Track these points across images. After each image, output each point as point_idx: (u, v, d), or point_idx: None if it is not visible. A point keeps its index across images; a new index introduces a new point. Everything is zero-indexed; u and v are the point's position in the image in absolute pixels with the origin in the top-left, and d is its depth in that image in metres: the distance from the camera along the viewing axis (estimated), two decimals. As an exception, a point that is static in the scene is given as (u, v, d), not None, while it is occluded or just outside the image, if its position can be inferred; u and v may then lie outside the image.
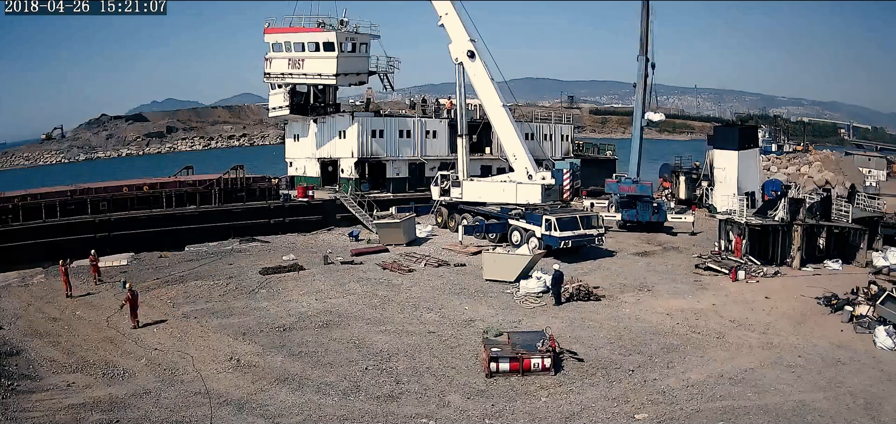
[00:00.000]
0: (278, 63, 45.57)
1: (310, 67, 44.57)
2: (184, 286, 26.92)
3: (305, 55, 44.40)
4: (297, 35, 44.81)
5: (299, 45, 44.85)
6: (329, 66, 43.99)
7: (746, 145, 44.18)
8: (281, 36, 45.36)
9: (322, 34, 44.07)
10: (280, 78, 45.97)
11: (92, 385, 17.53)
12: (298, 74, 45.18)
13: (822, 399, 16.63)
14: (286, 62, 45.03)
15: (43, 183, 52.26)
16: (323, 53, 43.84)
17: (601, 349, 19.91)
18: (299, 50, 44.82)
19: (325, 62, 44.00)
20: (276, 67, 45.93)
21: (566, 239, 31.55)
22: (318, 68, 44.27)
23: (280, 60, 45.38)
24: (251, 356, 19.36)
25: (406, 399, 16.58)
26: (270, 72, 46.36)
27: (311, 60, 44.25)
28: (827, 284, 26.89)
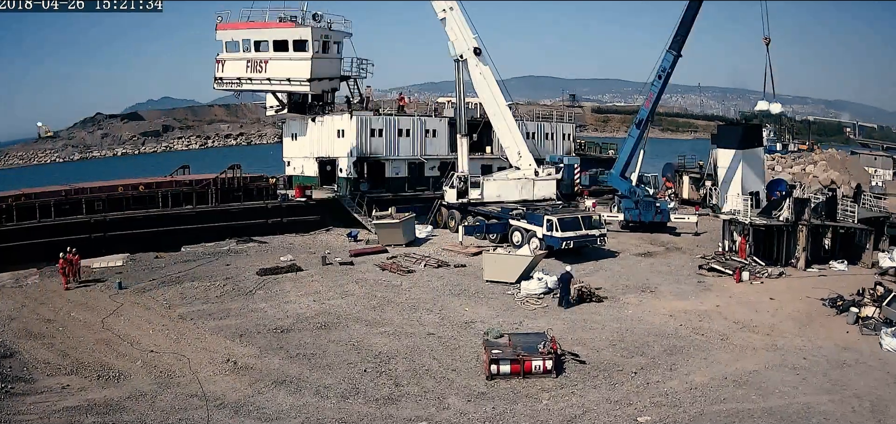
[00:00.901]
0: (234, 65, 38.83)
1: (275, 71, 38.20)
2: (180, 286, 26.91)
3: (269, 56, 38.10)
4: (258, 31, 37.92)
5: (261, 43, 38.17)
6: (301, 69, 37.82)
7: (750, 144, 44.13)
8: (237, 32, 38.14)
9: (292, 30, 37.78)
10: (235, 84, 39.66)
11: (87, 387, 17.53)
12: (260, 80, 38.95)
13: (828, 402, 16.62)
14: (244, 65, 38.65)
15: (37, 183, 52.23)
16: (292, 53, 37.74)
17: (603, 351, 19.90)
18: (261, 49, 38.28)
19: (295, 65, 37.77)
20: (230, 71, 39.01)
21: (568, 240, 31.57)
22: (287, 72, 37.88)
23: (236, 61, 38.75)
24: (248, 358, 19.36)
25: (405, 402, 16.58)
26: (223, 76, 39.44)
27: (278, 63, 37.94)
28: (832, 285, 26.89)
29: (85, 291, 26.70)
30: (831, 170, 60.67)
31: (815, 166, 64.49)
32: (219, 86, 39.33)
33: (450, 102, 56.20)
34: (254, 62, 37.69)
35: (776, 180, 47.07)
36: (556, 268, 29.48)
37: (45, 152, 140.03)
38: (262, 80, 38.25)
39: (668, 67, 37.47)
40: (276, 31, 37.40)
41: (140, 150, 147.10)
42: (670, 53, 37.12)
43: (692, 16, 36.40)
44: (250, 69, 37.86)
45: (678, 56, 37.15)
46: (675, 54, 37.08)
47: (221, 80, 39.33)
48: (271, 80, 38.00)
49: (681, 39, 36.88)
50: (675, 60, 37.23)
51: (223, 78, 39.31)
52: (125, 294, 26.07)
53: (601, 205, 45.44)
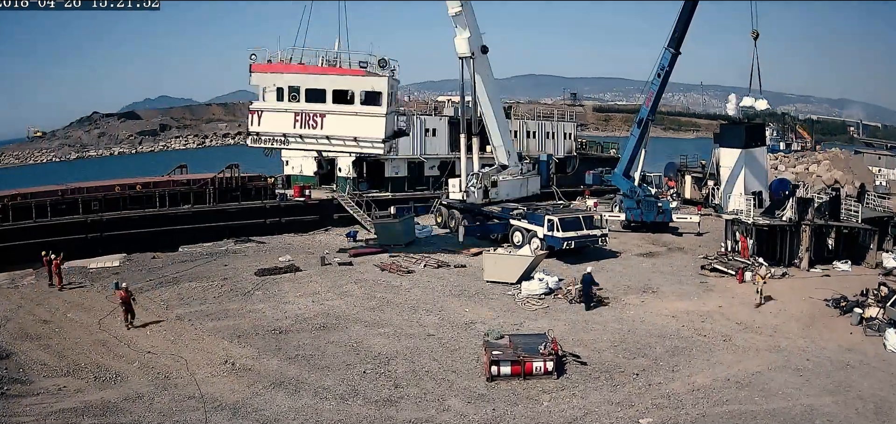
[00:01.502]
0: (276, 119, 30.24)
1: (337, 128, 29.96)
2: (177, 287, 26.93)
3: (327, 109, 29.92)
4: (312, 78, 29.97)
5: (314, 93, 30.08)
6: (374, 127, 29.94)
7: (753, 144, 44.14)
8: (281, 77, 29.96)
9: (361, 80, 29.99)
10: (279, 141, 30.84)
11: (83, 388, 17.53)
12: (316, 138, 30.57)
13: (831, 404, 16.63)
14: (291, 118, 30.13)
15: (33, 182, 52.26)
16: (361, 107, 29.97)
17: (605, 352, 19.91)
18: (314, 100, 30.12)
19: (366, 122, 29.78)
20: (271, 124, 30.29)
21: (569, 240, 31.58)
22: (354, 129, 29.88)
23: (278, 114, 30.21)
24: (246, 360, 19.36)
25: (405, 404, 16.58)
26: (260, 130, 30.55)
27: (341, 119, 29.93)
28: (836, 285, 26.89)
29: (81, 292, 26.71)
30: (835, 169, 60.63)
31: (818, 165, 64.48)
32: (255, 143, 30.66)
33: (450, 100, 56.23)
34: (305, 116, 29.53)
35: (779, 180, 47.05)
36: (556, 269, 29.52)
37: (41, 152, 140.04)
38: (318, 137, 29.96)
39: (667, 65, 37.62)
40: (337, 78, 29.59)
41: (137, 149, 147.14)
42: (669, 51, 37.30)
43: (689, 13, 36.52)
44: (300, 124, 29.53)
45: (677, 54, 37.28)
46: (673, 52, 37.22)
47: (259, 135, 30.28)
48: (331, 138, 29.75)
49: (679, 37, 37.02)
50: (673, 57, 37.37)
51: (261, 133, 30.23)
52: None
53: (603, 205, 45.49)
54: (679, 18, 36.78)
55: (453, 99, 55.62)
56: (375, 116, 29.56)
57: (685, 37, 37.20)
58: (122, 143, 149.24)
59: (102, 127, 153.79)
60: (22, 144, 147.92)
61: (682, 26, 36.79)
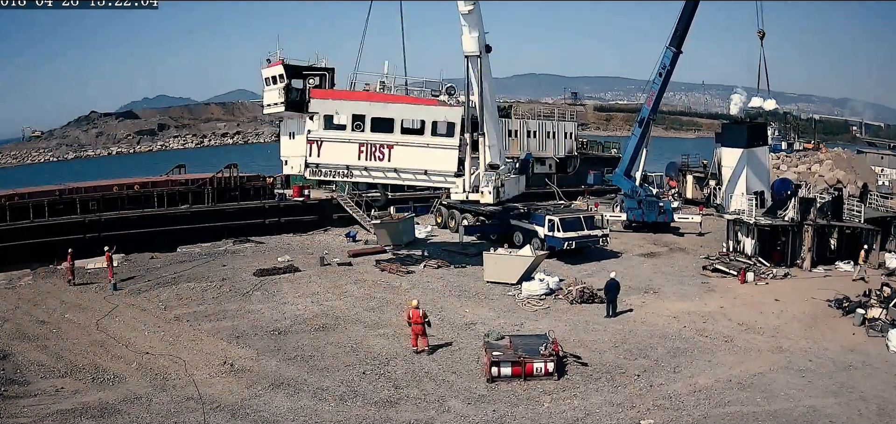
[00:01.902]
0: (338, 150, 28.70)
1: (406, 160, 28.63)
2: (176, 288, 26.93)
3: (395, 139, 28.49)
4: (378, 107, 28.77)
5: (381, 122, 28.52)
6: (447, 160, 28.75)
7: (755, 143, 44.13)
8: (343, 105, 28.62)
9: (433, 109, 28.99)
10: (342, 173, 29.50)
11: (81, 390, 17.53)
12: (383, 171, 29.01)
13: (834, 405, 16.63)
14: (355, 149, 28.69)
15: (31, 182, 52.28)
16: (432, 138, 28.52)
17: (606, 353, 19.91)
18: (380, 130, 28.69)
19: (439, 155, 28.60)
20: (332, 155, 28.87)
21: (570, 240, 31.57)
22: (425, 161, 28.51)
23: (341, 144, 28.60)
24: (245, 361, 19.36)
25: (405, 405, 16.58)
26: (320, 162, 29.10)
27: (411, 151, 28.47)
28: (838, 286, 26.89)
29: (79, 292, 26.71)
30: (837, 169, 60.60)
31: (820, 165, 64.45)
32: (314, 175, 29.50)
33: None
34: (371, 147, 27.91)
35: (781, 180, 47.04)
36: (557, 269, 29.52)
37: (39, 152, 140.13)
38: (385, 170, 28.43)
39: (668, 63, 37.65)
40: (408, 107, 28.56)
41: (135, 149, 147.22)
42: (670, 50, 37.31)
43: (690, 12, 36.52)
44: (366, 155, 28.02)
45: (678, 53, 37.29)
46: (674, 51, 37.22)
47: (318, 167, 28.76)
48: (400, 171, 28.41)
49: (680, 36, 37.01)
50: (674, 56, 37.37)
51: (321, 165, 28.68)
52: (120, 296, 26.09)
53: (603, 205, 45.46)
54: (680, 17, 36.77)
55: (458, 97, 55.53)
56: (448, 149, 28.29)
57: (686, 36, 37.18)
58: (120, 142, 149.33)
59: (100, 127, 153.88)
60: (19, 144, 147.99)
61: (683, 25, 36.75)
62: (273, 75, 50.92)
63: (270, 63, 51.26)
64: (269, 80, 51.29)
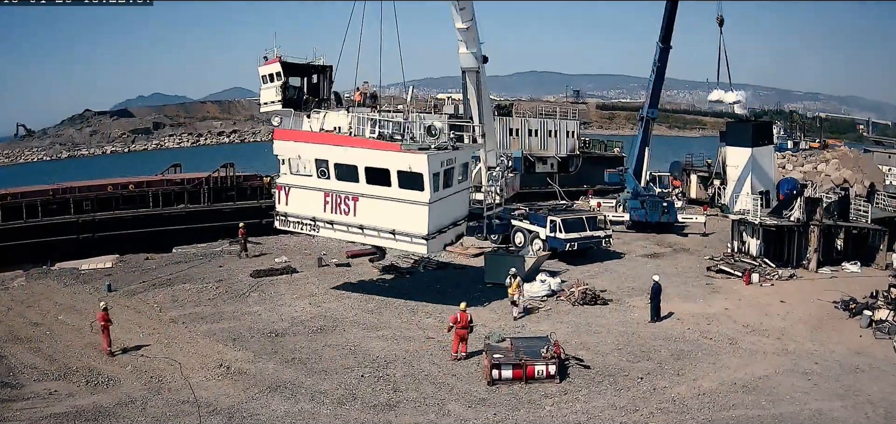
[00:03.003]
0: (304, 198, 25.33)
1: (371, 216, 24.16)
2: (171, 289, 26.93)
3: (359, 190, 24.09)
4: (340, 151, 24.56)
5: (344, 169, 24.42)
6: (415, 219, 23.86)
7: (761, 142, 44.13)
8: (306, 148, 25.52)
9: (397, 156, 23.67)
10: (307, 225, 25.31)
11: (75, 393, 17.53)
12: (347, 227, 24.62)
13: (840, 408, 16.63)
14: (320, 199, 25.08)
15: (23, 182, 52.27)
16: (400, 191, 23.63)
17: (608, 356, 19.91)
18: (345, 178, 24.61)
19: (408, 212, 23.80)
20: (299, 205, 25.42)
21: (572, 241, 31.57)
22: (392, 219, 23.85)
23: (308, 194, 25.14)
24: (242, 363, 19.36)
25: (404, 408, 16.58)
26: (288, 212, 25.73)
27: (376, 204, 24.04)
28: (845, 287, 26.90)
29: (73, 293, 26.72)
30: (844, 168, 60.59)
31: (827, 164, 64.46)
32: (283, 225, 25.69)
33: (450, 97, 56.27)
34: (336, 197, 23.88)
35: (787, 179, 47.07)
36: (558, 270, 29.52)
37: (32, 151, 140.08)
38: (350, 226, 24.00)
39: (658, 59, 38.24)
40: (369, 153, 23.57)
41: (130, 148, 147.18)
42: (658, 46, 37.93)
43: (671, 7, 37.39)
44: (331, 207, 24.01)
45: (666, 48, 37.90)
46: (661, 46, 37.87)
47: (286, 217, 25.25)
48: (365, 228, 23.81)
49: (666, 31, 37.57)
50: (663, 52, 38.01)
51: (289, 215, 25.19)
52: (114, 297, 26.06)
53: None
54: (664, 13, 37.54)
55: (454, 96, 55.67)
56: (417, 204, 22.89)
57: (672, 31, 37.94)
58: (114, 141, 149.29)
59: (94, 125, 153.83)
60: (11, 143, 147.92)
61: (666, 20, 37.59)
62: (270, 73, 50.96)
63: (267, 61, 51.29)
64: (265, 77, 51.32)
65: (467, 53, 34.80)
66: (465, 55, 34.91)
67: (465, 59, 34.87)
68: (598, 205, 44.89)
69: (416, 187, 23.02)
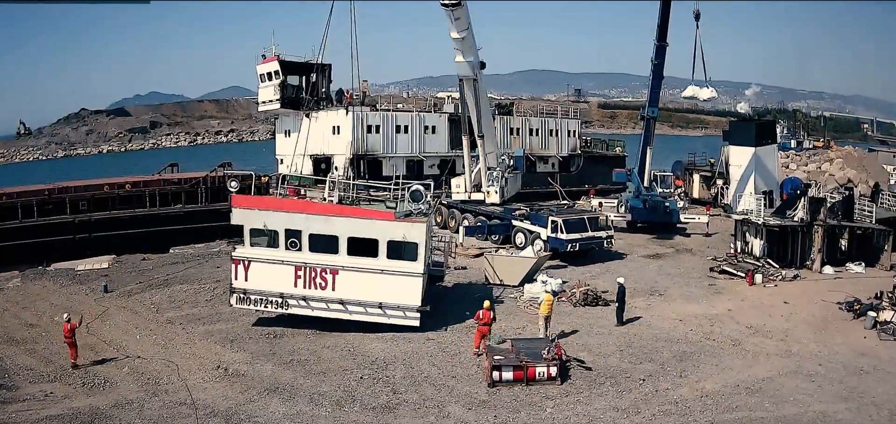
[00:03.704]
0: (270, 274, 22.55)
1: (354, 289, 22.42)
2: (168, 290, 26.92)
3: (339, 262, 22.30)
4: (321, 221, 22.56)
5: (324, 240, 22.59)
6: (409, 291, 22.88)
7: (764, 142, 44.18)
8: (276, 216, 22.59)
9: (390, 225, 22.30)
10: (276, 302, 22.63)
11: (71, 394, 17.53)
12: (325, 303, 22.52)
13: (845, 410, 16.63)
14: (290, 273, 22.63)
15: (19, 181, 52.27)
16: (387, 262, 22.18)
17: (610, 357, 19.92)
18: (320, 249, 22.59)
19: (399, 284, 22.66)
20: (263, 282, 22.62)
21: (573, 242, 31.58)
22: (380, 292, 22.50)
23: (274, 268, 22.55)
24: (240, 365, 19.36)
25: (403, 410, 16.58)
26: (249, 289, 22.62)
27: (357, 278, 22.40)
28: (849, 288, 26.90)
29: (69, 294, 26.71)
30: (848, 168, 60.66)
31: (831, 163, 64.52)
32: (241, 303, 22.72)
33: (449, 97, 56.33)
34: (310, 272, 22.18)
35: (791, 179, 47.09)
36: (560, 271, 29.53)
37: (28, 150, 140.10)
38: (329, 301, 22.30)
39: (655, 57, 38.39)
40: (354, 222, 22.25)
41: (126, 147, 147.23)
42: (655, 44, 38.15)
43: (666, 5, 37.64)
44: (304, 283, 22.31)
45: (662, 45, 38.04)
46: (657, 44, 38.05)
47: (246, 294, 22.51)
48: (346, 303, 22.19)
49: (661, 28, 37.74)
50: (659, 49, 38.11)
51: (249, 292, 22.49)
52: (111, 298, 26.08)
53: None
54: (660, 10, 37.74)
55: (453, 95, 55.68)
56: (410, 276, 21.88)
57: (668, 28, 38.11)
58: (111, 140, 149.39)
59: (91, 124, 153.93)
60: (7, 142, 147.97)
61: (662, 18, 37.76)
62: (268, 72, 51.13)
63: (265, 59, 51.49)
64: (263, 76, 51.50)
65: (463, 61, 34.74)
66: (461, 64, 34.84)
67: (461, 67, 34.80)
68: (599, 205, 44.96)
69: (407, 257, 21.89)
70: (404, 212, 22.10)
